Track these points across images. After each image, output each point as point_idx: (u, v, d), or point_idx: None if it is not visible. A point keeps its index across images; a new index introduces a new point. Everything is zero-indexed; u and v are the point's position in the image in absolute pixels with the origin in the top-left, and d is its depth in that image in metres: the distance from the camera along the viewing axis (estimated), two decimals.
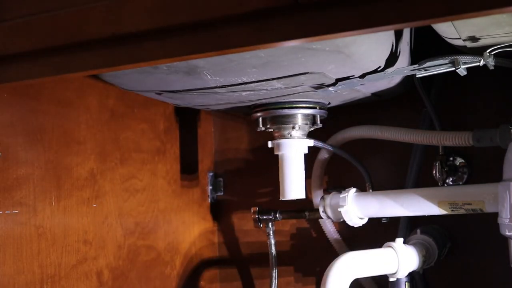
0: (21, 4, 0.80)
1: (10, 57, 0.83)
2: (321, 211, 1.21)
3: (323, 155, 1.35)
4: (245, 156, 1.50)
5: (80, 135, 1.13)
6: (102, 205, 1.16)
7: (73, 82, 1.11)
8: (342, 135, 1.30)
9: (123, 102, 1.24)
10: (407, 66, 1.03)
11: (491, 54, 0.93)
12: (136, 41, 0.72)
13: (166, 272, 1.34)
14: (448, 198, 1.08)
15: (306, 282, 1.43)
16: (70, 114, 1.11)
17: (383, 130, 1.21)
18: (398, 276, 1.11)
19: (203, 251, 1.48)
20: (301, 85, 1.01)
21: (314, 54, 0.85)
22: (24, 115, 1.02)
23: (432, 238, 1.19)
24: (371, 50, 0.89)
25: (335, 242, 1.36)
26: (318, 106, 1.17)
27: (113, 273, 1.18)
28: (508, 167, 1.00)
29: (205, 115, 1.51)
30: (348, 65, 0.92)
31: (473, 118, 1.25)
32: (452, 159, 1.26)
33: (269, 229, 1.36)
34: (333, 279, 1.04)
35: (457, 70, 0.96)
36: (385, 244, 1.12)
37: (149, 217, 1.30)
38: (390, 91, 1.17)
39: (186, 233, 1.42)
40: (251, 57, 0.86)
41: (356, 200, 1.17)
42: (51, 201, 1.05)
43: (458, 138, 1.11)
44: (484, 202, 1.05)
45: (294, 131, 1.17)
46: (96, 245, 1.14)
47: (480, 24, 0.84)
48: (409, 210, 1.13)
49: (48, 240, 1.04)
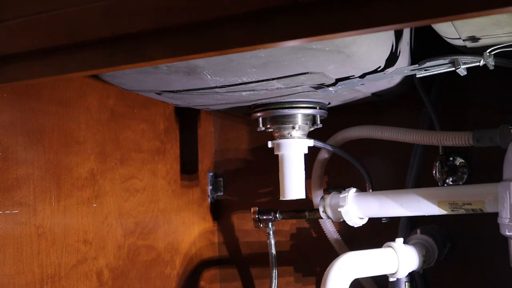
0: (21, 4, 0.79)
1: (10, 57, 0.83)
2: (321, 211, 1.21)
3: (323, 155, 1.35)
4: (245, 156, 1.51)
5: (80, 135, 1.13)
6: (102, 205, 1.17)
7: (73, 82, 1.11)
8: (342, 135, 1.30)
9: (123, 102, 1.24)
10: (407, 66, 1.03)
11: (491, 54, 0.93)
12: (136, 41, 0.72)
13: (166, 272, 1.35)
14: (448, 198, 1.08)
15: (306, 282, 1.43)
16: (70, 114, 1.11)
17: (383, 130, 1.21)
18: (398, 276, 1.11)
19: (203, 251, 1.48)
20: (301, 85, 1.01)
21: (314, 54, 0.85)
22: (24, 115, 1.02)
23: (432, 238, 1.19)
24: (371, 50, 0.89)
25: (335, 242, 1.36)
26: (318, 106, 1.17)
27: (113, 273, 1.18)
28: (508, 167, 1.00)
29: (205, 115, 1.51)
30: (348, 65, 0.92)
31: (473, 118, 1.25)
32: (452, 159, 1.26)
33: (269, 229, 1.36)
34: (333, 279, 1.04)
35: (457, 70, 0.96)
36: (385, 244, 1.12)
37: (149, 217, 1.30)
38: (390, 91, 1.17)
39: (186, 233, 1.42)
40: (251, 57, 0.86)
41: (356, 200, 1.17)
42: (51, 201, 1.05)
43: (458, 138, 1.11)
44: (484, 202, 1.05)
45: (294, 131, 1.17)
46: (96, 245, 1.14)
47: (480, 24, 0.84)
48: (409, 210, 1.13)
49: (48, 240, 1.04)
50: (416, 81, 1.16)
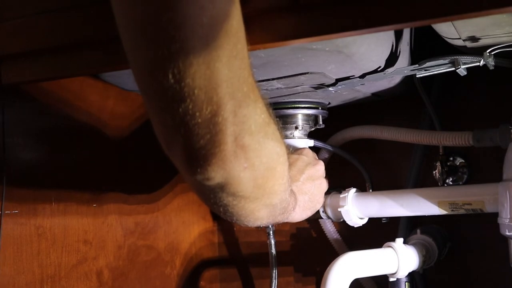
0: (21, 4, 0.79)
1: (10, 57, 0.83)
2: (321, 211, 1.21)
3: (323, 155, 1.35)
4: None
5: None
6: (102, 205, 1.16)
7: (73, 82, 1.11)
8: (342, 135, 1.30)
9: (123, 102, 1.24)
10: (407, 66, 1.03)
11: (491, 54, 0.93)
12: None
13: (166, 272, 1.34)
14: (448, 198, 1.08)
15: (306, 282, 1.43)
16: (70, 114, 1.11)
17: (383, 130, 1.21)
18: (398, 276, 1.11)
19: (203, 251, 1.48)
20: (301, 85, 1.01)
21: (314, 54, 0.85)
22: (24, 115, 1.02)
23: (432, 238, 1.19)
24: (371, 50, 0.89)
25: (335, 242, 1.36)
26: (320, 106, 1.17)
27: (113, 273, 1.18)
28: (508, 167, 1.00)
29: None
30: (348, 65, 0.92)
31: (473, 118, 1.25)
32: (452, 159, 1.26)
33: (269, 229, 1.36)
34: (333, 279, 1.04)
35: (457, 70, 0.96)
36: (385, 244, 1.12)
37: (149, 217, 1.30)
38: (390, 91, 1.17)
39: (186, 233, 1.42)
40: (251, 57, 0.85)
41: (356, 200, 1.17)
42: (51, 201, 1.05)
43: (458, 138, 1.11)
44: (484, 202, 1.05)
45: (297, 131, 1.17)
46: (96, 245, 1.14)
47: (480, 24, 0.84)
48: (409, 210, 1.13)
49: (48, 240, 1.04)
50: (416, 81, 1.16)
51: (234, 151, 0.58)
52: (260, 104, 0.61)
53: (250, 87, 0.59)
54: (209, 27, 0.52)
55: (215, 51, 0.53)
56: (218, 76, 0.54)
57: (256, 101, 0.60)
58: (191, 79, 0.53)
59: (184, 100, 0.54)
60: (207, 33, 0.52)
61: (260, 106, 0.61)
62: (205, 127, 0.56)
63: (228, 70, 0.55)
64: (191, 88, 0.54)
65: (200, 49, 0.52)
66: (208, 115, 0.55)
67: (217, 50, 0.53)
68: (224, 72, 0.55)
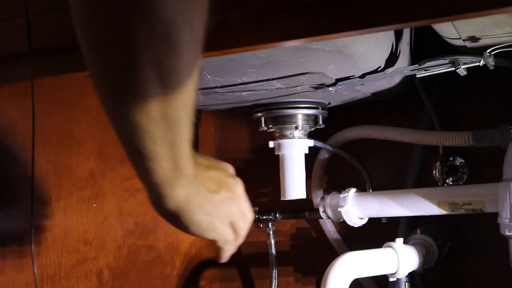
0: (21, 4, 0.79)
1: (10, 57, 0.83)
2: (321, 211, 1.21)
3: (323, 155, 1.35)
4: (245, 156, 1.50)
5: (80, 135, 1.13)
6: (102, 205, 1.16)
7: (73, 82, 1.11)
8: (342, 135, 1.30)
9: None
10: (407, 66, 1.03)
11: (491, 54, 0.93)
12: None
13: (166, 272, 1.34)
14: (448, 198, 1.08)
15: (306, 282, 1.43)
16: (70, 114, 1.11)
17: (383, 130, 1.21)
18: (398, 276, 1.11)
19: (203, 251, 1.48)
20: (301, 85, 1.01)
21: (314, 54, 0.85)
22: (24, 115, 1.02)
23: (432, 238, 1.19)
24: (371, 50, 0.89)
25: (335, 242, 1.36)
26: (320, 106, 1.17)
27: (113, 273, 1.18)
28: (508, 167, 1.00)
29: (205, 115, 1.51)
30: (348, 65, 0.92)
31: (473, 118, 1.25)
32: (452, 159, 1.26)
33: (269, 229, 1.36)
34: (333, 279, 1.04)
35: (457, 70, 0.96)
36: (385, 244, 1.12)
37: (149, 217, 1.30)
38: (390, 91, 1.17)
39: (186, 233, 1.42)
40: (251, 57, 0.86)
41: (356, 200, 1.17)
42: (51, 201, 1.05)
43: (458, 138, 1.11)
44: (484, 202, 1.05)
45: (297, 131, 1.17)
46: (96, 245, 1.14)
47: (480, 24, 0.84)
48: (409, 210, 1.13)
49: (48, 240, 1.04)
50: (416, 81, 1.16)
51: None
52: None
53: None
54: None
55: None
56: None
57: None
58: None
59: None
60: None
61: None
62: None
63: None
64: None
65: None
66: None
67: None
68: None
